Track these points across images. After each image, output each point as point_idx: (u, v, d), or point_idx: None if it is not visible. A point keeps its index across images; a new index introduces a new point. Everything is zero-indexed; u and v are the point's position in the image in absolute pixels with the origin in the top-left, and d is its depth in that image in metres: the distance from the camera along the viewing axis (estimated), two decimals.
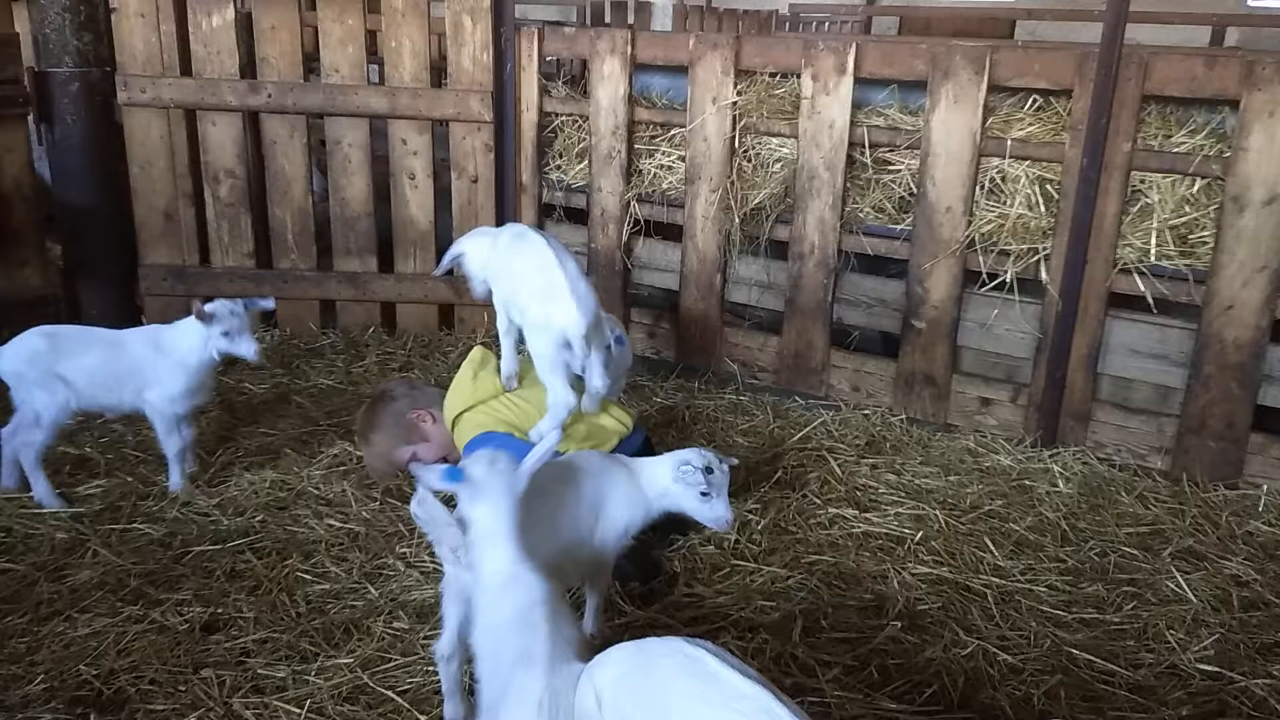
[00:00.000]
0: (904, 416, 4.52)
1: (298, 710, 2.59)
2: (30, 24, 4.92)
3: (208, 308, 3.54)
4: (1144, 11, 5.82)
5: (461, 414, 3.57)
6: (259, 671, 2.74)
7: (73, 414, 3.62)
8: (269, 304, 3.80)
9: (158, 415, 3.64)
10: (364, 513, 3.59)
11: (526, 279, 3.41)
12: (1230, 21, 10.40)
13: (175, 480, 3.69)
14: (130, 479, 3.76)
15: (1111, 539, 3.59)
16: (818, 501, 3.78)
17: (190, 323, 3.58)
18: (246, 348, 3.58)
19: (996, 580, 3.31)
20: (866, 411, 4.56)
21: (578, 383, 3.45)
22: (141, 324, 4.95)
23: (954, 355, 4.44)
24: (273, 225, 5.20)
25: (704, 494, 2.90)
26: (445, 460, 3.89)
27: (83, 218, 5.06)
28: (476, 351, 3.73)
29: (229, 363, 4.16)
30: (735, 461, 3.03)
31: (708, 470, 2.89)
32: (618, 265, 5.10)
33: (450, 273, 4.18)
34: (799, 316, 4.72)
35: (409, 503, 3.62)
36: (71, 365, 3.52)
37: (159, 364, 3.59)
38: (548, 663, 2.11)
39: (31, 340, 3.54)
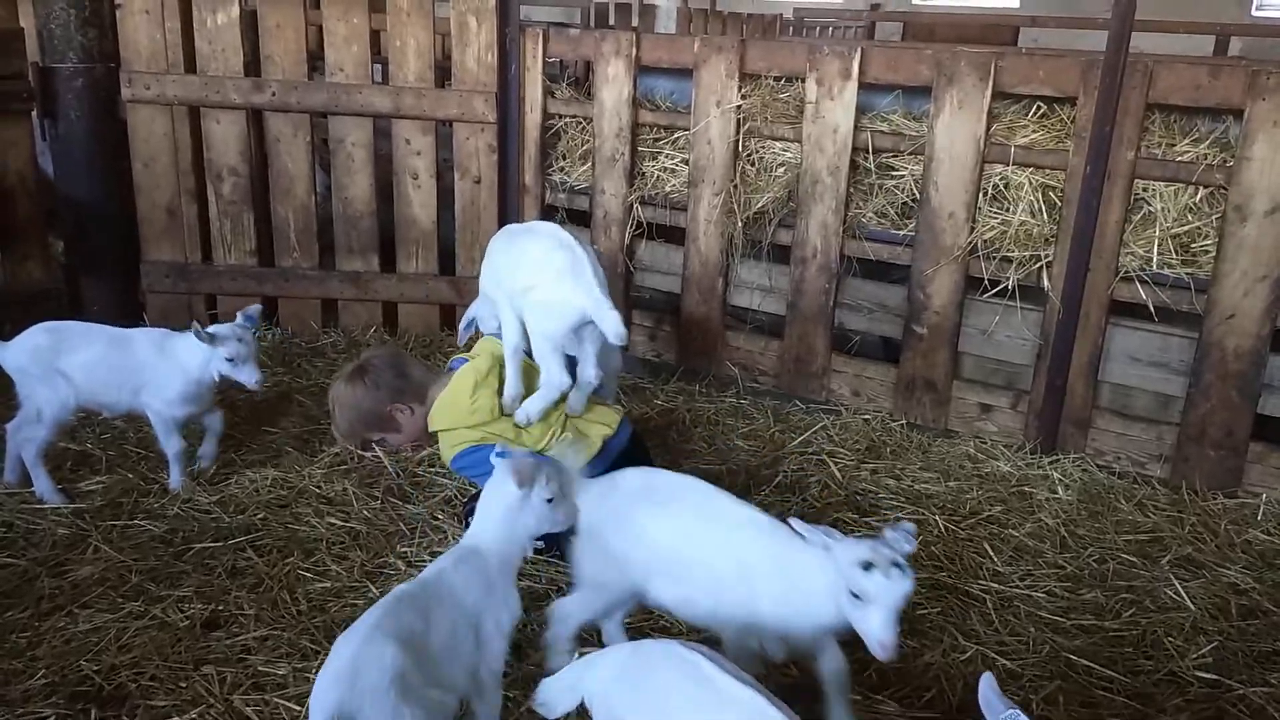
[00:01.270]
0: (904, 421, 4.53)
1: (298, 708, 2.59)
2: (35, 19, 4.92)
3: (212, 329, 3.49)
4: (1148, 20, 5.83)
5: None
6: (260, 669, 2.74)
7: (74, 411, 3.62)
8: (255, 308, 3.70)
9: (155, 418, 3.64)
10: (365, 512, 3.59)
11: (545, 257, 3.34)
12: (1234, 31, 10.41)
13: (175, 478, 3.69)
14: (131, 475, 3.76)
15: (1110, 546, 3.60)
16: (818, 505, 3.79)
17: (194, 339, 3.54)
18: (248, 376, 3.53)
19: (996, 586, 3.31)
20: (867, 416, 4.56)
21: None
22: (143, 321, 4.98)
23: (955, 361, 4.45)
24: (275, 223, 5.20)
25: (854, 595, 2.29)
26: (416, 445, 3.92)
27: (85, 213, 5.07)
28: (484, 361, 3.56)
29: None
30: (908, 541, 2.33)
31: (866, 567, 2.27)
32: (620, 268, 5.11)
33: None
34: (800, 320, 4.73)
35: (409, 503, 3.66)
36: (73, 360, 3.51)
37: (159, 368, 3.57)
38: (367, 628, 2.10)
39: (35, 336, 3.54)
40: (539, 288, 3.35)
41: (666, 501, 2.66)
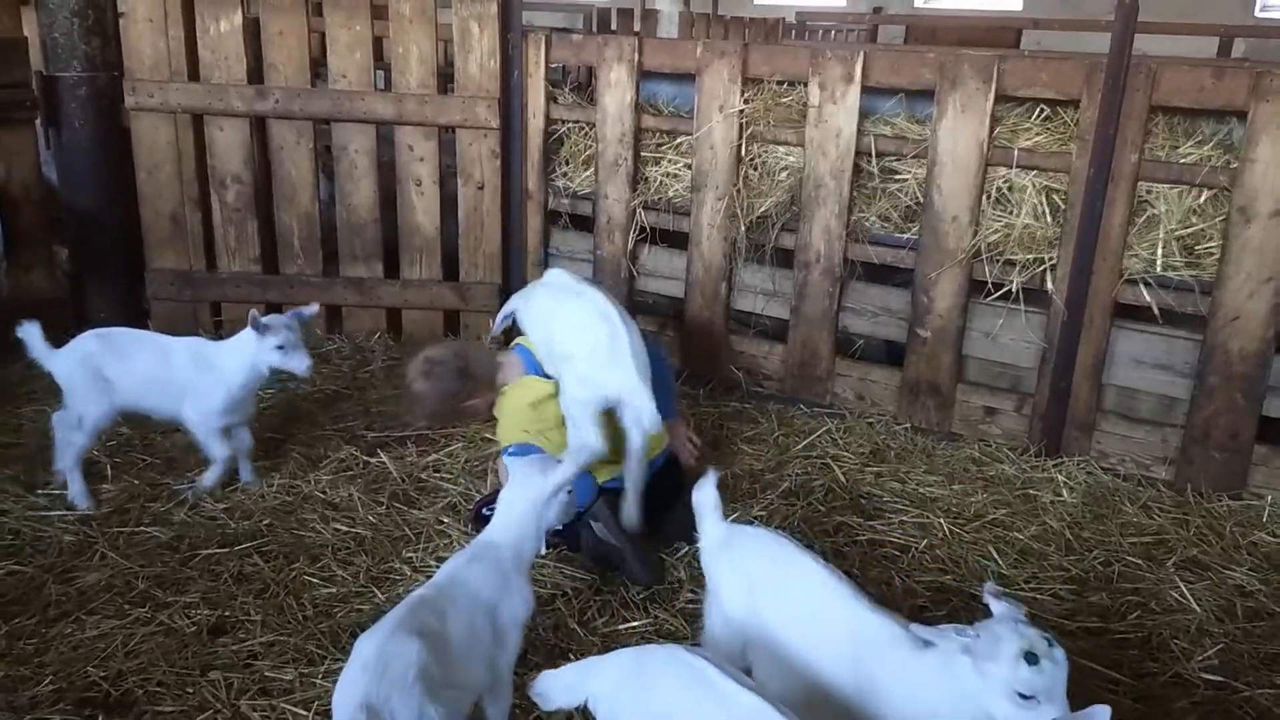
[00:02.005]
0: (908, 425, 4.53)
1: (305, 713, 2.60)
2: (39, 28, 4.94)
3: (265, 320, 3.51)
4: (1152, 22, 5.82)
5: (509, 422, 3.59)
6: (266, 674, 2.75)
7: (114, 418, 3.66)
8: (313, 308, 3.75)
9: (195, 428, 3.66)
10: (370, 517, 3.60)
11: (586, 327, 3.33)
12: (1237, 32, 10.39)
13: (210, 479, 3.70)
14: (138, 482, 3.77)
15: (1116, 548, 3.60)
16: (823, 509, 3.79)
17: (240, 340, 3.56)
18: (299, 362, 3.55)
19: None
20: (871, 420, 4.56)
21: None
22: (147, 328, 4.98)
23: (959, 364, 4.45)
24: (279, 230, 5.21)
25: (1023, 696, 1.93)
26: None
27: (89, 221, 5.08)
28: (546, 385, 3.57)
29: None
30: (1015, 604, 2.09)
31: (1030, 659, 1.93)
32: (623, 273, 5.11)
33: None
34: (804, 324, 4.73)
35: (414, 508, 3.67)
36: (119, 368, 3.56)
37: (199, 378, 3.59)
38: (390, 625, 2.13)
39: (84, 343, 3.59)
40: (577, 358, 3.33)
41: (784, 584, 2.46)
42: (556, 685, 2.18)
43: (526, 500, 2.58)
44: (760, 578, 2.48)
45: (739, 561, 2.56)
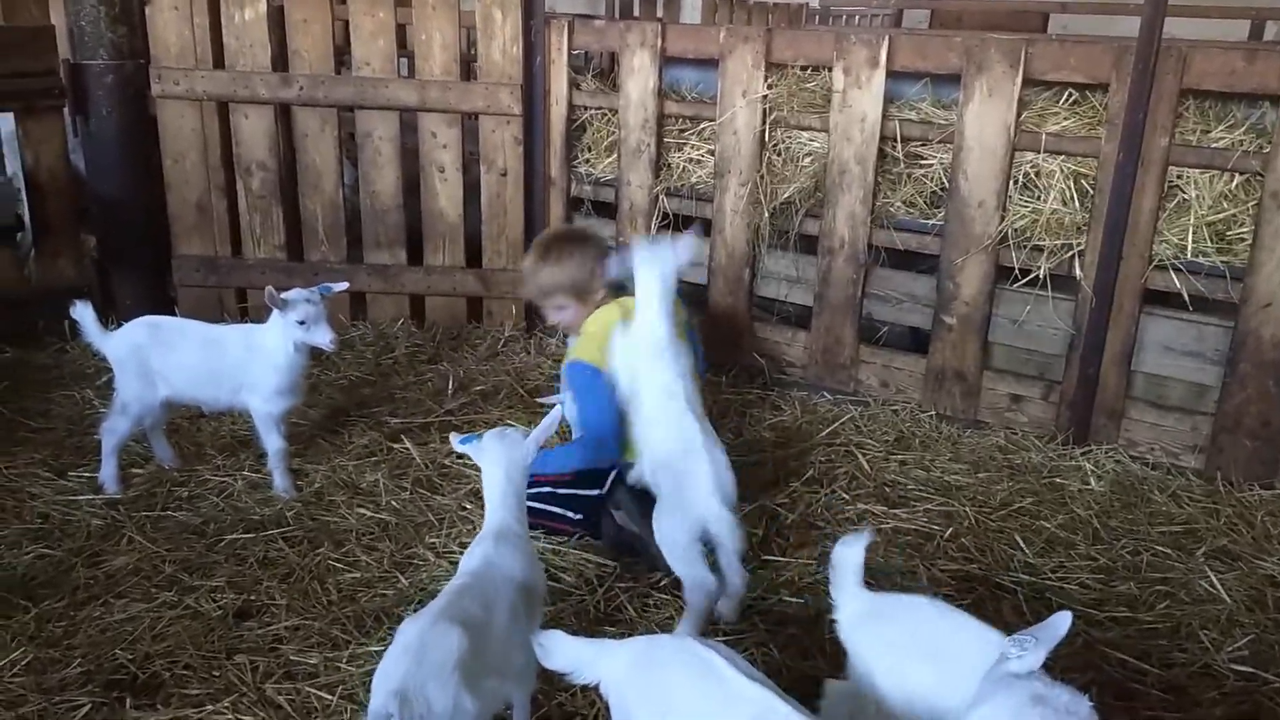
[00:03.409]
0: (933, 413, 4.49)
1: (330, 697, 2.61)
2: (65, 16, 4.97)
3: (284, 295, 3.48)
4: (1182, 5, 5.74)
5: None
6: (291, 658, 2.77)
7: (161, 410, 3.67)
8: (342, 286, 3.74)
9: (255, 416, 3.66)
10: (394, 503, 3.61)
11: (682, 455, 3.01)
12: (1270, 15, 10.22)
13: (280, 482, 3.66)
14: (166, 467, 3.80)
15: (1144, 538, 3.56)
16: (846, 497, 3.77)
17: (274, 320, 3.55)
18: (322, 337, 3.51)
19: (1027, 578, 3.28)
20: (895, 407, 4.53)
21: None
22: (174, 314, 5.02)
23: (985, 351, 4.40)
24: (304, 217, 5.23)
25: None
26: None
27: (116, 209, 5.12)
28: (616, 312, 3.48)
29: None
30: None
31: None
32: None
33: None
34: (828, 311, 4.70)
35: (438, 494, 3.68)
36: (169, 359, 3.57)
37: (251, 364, 3.58)
38: (434, 612, 2.13)
39: (136, 330, 3.60)
40: (664, 483, 3.05)
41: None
42: (565, 648, 2.15)
43: (520, 469, 2.60)
44: (914, 653, 2.19)
45: (890, 636, 2.26)
